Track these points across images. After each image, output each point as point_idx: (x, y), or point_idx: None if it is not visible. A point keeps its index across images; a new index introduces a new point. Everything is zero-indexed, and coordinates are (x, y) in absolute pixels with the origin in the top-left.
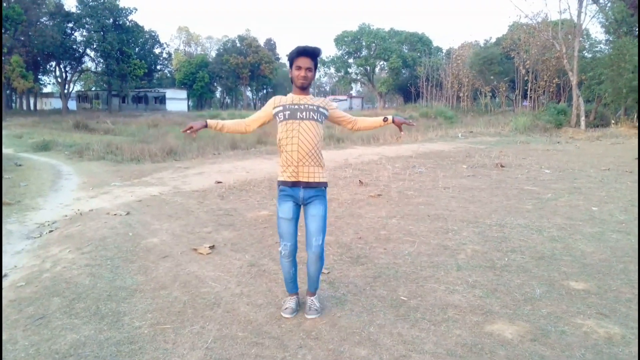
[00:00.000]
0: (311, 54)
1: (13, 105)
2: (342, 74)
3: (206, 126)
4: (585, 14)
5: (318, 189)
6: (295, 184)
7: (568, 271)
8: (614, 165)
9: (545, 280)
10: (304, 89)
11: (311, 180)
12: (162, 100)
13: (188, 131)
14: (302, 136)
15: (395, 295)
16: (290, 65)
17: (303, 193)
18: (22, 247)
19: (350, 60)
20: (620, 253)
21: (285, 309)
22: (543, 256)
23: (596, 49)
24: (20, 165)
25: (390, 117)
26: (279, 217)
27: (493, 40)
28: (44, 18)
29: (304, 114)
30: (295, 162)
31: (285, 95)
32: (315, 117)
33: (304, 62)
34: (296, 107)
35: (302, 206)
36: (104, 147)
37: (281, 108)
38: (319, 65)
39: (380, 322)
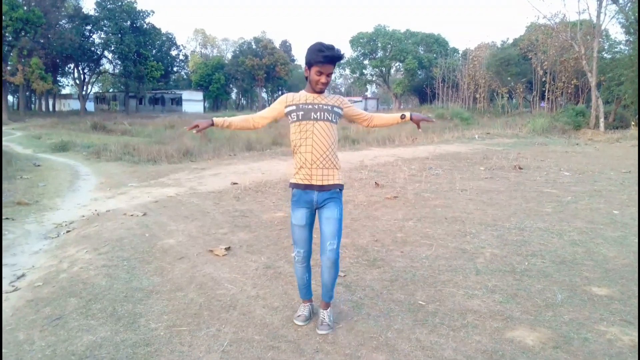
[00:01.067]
0: (337, 59)
1: (32, 106)
2: (358, 75)
3: (213, 124)
4: (605, 14)
5: (333, 192)
6: (308, 187)
7: (590, 276)
8: (635, 168)
9: (566, 286)
10: (320, 93)
11: (325, 183)
12: (178, 101)
13: (194, 130)
14: (317, 137)
15: (413, 300)
16: (309, 66)
17: (317, 196)
18: (39, 247)
19: (366, 62)
20: None
21: (298, 316)
22: (564, 261)
23: (616, 49)
24: (38, 165)
25: (407, 115)
26: (292, 223)
27: (510, 41)
28: (63, 21)
29: (318, 114)
30: (309, 164)
31: (297, 92)
32: (330, 118)
33: (327, 68)
34: (310, 106)
35: (316, 210)
36: (121, 148)
37: (294, 107)
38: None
39: (398, 327)
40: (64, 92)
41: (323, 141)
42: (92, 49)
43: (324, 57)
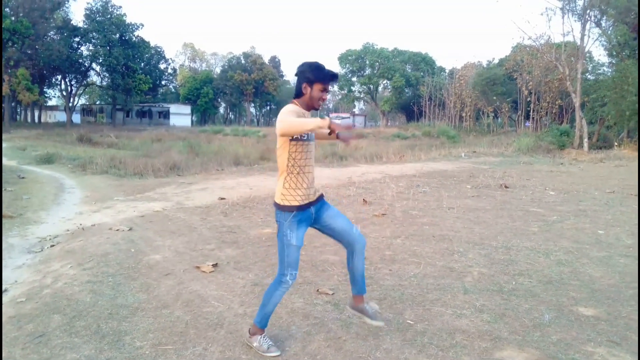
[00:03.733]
0: (337, 79)
1: (17, 117)
2: (346, 92)
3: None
4: (589, 36)
5: (320, 199)
6: (307, 206)
7: (577, 296)
8: (619, 188)
9: (553, 306)
10: (317, 110)
11: (317, 195)
12: (166, 115)
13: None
14: (313, 156)
15: (401, 319)
16: (311, 83)
17: (313, 209)
18: (23, 262)
19: (354, 79)
20: (629, 278)
21: (269, 348)
22: (551, 280)
23: (599, 71)
24: (23, 177)
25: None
26: (291, 245)
27: (496, 61)
28: (51, 32)
29: (314, 133)
30: (310, 184)
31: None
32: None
33: (329, 86)
34: None
35: (313, 222)
36: (108, 161)
37: None
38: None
39: (387, 347)
40: (50, 103)
41: (314, 159)
42: (80, 60)
43: (332, 75)
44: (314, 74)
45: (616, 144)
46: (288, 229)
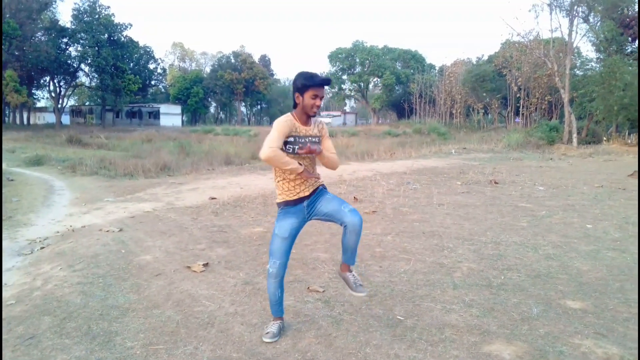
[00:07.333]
0: (328, 83)
1: (6, 119)
2: (336, 90)
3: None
4: (577, 32)
5: (317, 190)
6: (298, 200)
7: (564, 290)
8: (607, 182)
9: (542, 299)
10: (310, 117)
11: (311, 189)
12: (156, 115)
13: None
14: (308, 166)
15: (391, 315)
16: (301, 91)
17: (306, 203)
18: (12, 264)
19: (344, 77)
20: (616, 271)
21: (267, 333)
22: (539, 274)
23: (587, 66)
24: (12, 180)
25: None
26: (274, 234)
27: (485, 57)
28: (39, 33)
29: (314, 147)
30: (300, 188)
31: (285, 113)
32: (317, 150)
33: (322, 91)
34: (303, 140)
35: (309, 215)
36: (97, 162)
37: (293, 139)
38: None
39: (377, 343)
40: (39, 105)
41: (313, 168)
42: (69, 61)
43: (321, 80)
44: (304, 82)
45: (605, 138)
46: (276, 221)
